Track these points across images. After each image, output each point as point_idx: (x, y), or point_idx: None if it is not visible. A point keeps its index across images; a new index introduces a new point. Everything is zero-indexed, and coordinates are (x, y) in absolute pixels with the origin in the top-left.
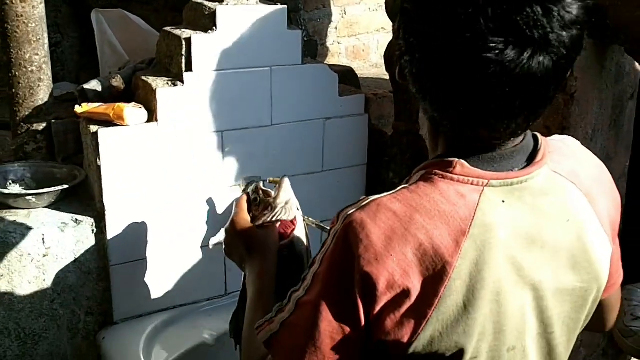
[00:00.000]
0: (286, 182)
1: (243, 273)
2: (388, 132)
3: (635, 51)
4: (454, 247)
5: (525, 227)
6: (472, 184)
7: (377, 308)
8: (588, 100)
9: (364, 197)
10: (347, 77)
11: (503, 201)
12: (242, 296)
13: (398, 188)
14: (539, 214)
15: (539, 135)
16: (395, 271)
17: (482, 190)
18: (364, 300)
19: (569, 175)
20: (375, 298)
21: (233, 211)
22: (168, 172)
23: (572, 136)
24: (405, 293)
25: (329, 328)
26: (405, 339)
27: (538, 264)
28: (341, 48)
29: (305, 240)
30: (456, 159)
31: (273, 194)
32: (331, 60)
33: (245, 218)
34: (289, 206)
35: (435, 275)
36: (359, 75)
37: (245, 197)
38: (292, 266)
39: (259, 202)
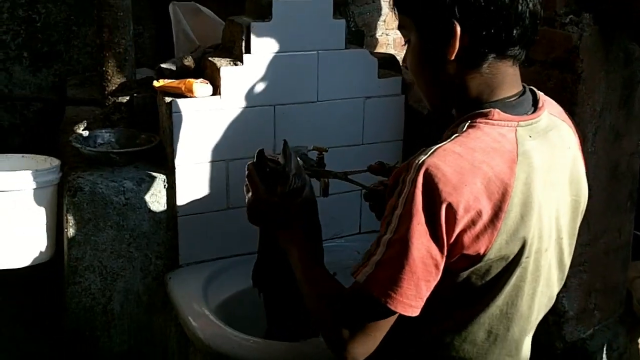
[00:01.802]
0: (289, 149)
1: (259, 232)
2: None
3: (637, 37)
4: (510, 172)
5: (546, 155)
6: (507, 126)
7: (457, 230)
8: (595, 80)
9: (424, 148)
10: (388, 62)
11: (530, 136)
12: (260, 249)
13: (452, 137)
14: (550, 145)
15: (534, 89)
16: (469, 198)
17: (516, 130)
18: (447, 225)
19: (559, 115)
20: (455, 221)
21: (249, 184)
22: (228, 137)
23: (580, 112)
24: (478, 213)
25: (420, 254)
26: (482, 250)
27: (556, 182)
28: (389, 39)
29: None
30: (492, 109)
31: (281, 160)
32: (380, 50)
33: (264, 190)
34: (300, 171)
35: (500, 197)
36: None
37: (254, 170)
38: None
39: (270, 171)
